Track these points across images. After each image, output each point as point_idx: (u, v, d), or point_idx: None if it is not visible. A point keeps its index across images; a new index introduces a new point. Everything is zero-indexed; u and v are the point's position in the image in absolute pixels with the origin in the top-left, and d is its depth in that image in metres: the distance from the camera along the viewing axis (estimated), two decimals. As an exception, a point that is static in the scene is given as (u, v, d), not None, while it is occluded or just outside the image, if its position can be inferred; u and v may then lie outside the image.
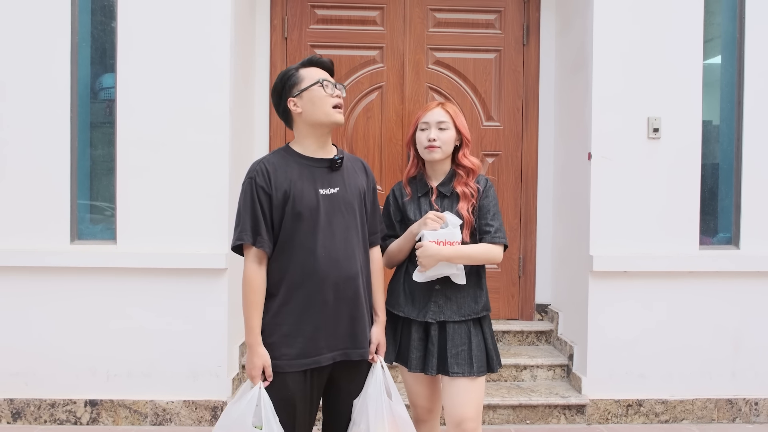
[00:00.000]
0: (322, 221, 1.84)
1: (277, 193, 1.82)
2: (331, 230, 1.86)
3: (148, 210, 3.24)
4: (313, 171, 1.87)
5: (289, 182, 1.83)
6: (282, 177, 1.84)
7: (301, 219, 1.82)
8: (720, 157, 3.60)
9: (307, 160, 1.89)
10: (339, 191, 1.89)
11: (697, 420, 3.41)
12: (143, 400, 3.24)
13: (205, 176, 3.24)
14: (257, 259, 1.84)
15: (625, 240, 3.36)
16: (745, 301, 3.43)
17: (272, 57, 3.96)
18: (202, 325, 3.25)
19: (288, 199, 1.82)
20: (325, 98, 1.86)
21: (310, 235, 1.83)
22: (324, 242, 1.84)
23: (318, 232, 1.84)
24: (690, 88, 3.38)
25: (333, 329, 1.87)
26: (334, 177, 1.90)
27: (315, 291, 1.84)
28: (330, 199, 1.87)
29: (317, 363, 1.86)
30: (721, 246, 3.52)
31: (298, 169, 1.86)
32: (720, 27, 3.56)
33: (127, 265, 3.22)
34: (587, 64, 3.43)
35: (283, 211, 1.83)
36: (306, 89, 1.86)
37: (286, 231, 1.83)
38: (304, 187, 1.84)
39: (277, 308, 1.85)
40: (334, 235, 1.86)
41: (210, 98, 3.25)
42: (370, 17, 4.00)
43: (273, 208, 1.83)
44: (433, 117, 2.10)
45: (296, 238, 1.83)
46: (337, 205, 1.88)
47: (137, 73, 3.24)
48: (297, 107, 1.87)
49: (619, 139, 3.36)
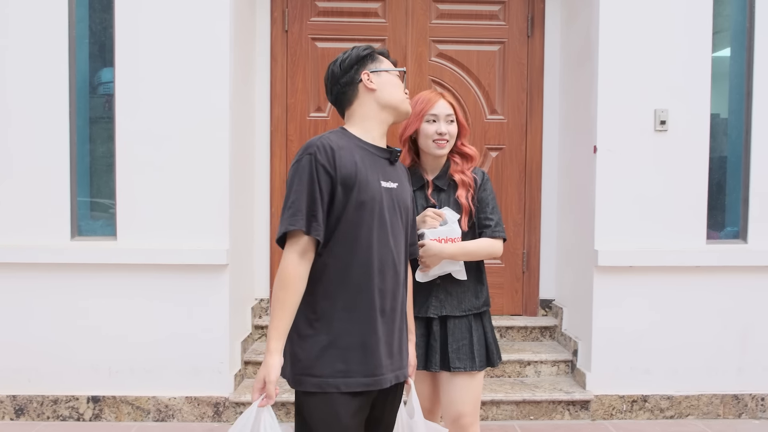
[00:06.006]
0: (384, 217, 1.61)
1: (341, 176, 1.55)
2: (390, 229, 1.63)
3: (148, 206, 3.22)
4: (375, 160, 1.64)
5: (354, 166, 1.57)
6: (347, 158, 1.57)
7: (364, 210, 1.57)
8: (728, 151, 3.54)
9: (368, 146, 1.65)
10: (398, 188, 1.69)
11: (703, 416, 3.38)
12: (145, 396, 3.24)
13: (205, 171, 3.22)
14: (302, 250, 1.53)
15: (630, 235, 3.32)
16: (753, 296, 3.38)
17: (273, 50, 3.91)
18: (203, 321, 3.23)
19: (353, 184, 1.56)
20: (402, 87, 1.73)
21: (372, 231, 1.58)
22: (384, 241, 1.60)
23: (378, 229, 1.59)
24: (698, 80, 3.32)
25: (390, 344, 1.62)
26: (393, 171, 1.70)
27: (376, 296, 1.58)
28: (390, 194, 1.65)
29: (379, 385, 1.58)
30: (729, 240, 3.48)
31: (361, 154, 1.61)
32: (729, 19, 3.49)
33: (128, 261, 3.20)
34: (593, 56, 3.37)
35: (346, 198, 1.55)
36: (386, 71, 1.70)
37: (348, 222, 1.56)
38: (368, 174, 1.59)
39: (332, 313, 1.56)
40: (390, 235, 1.63)
41: (210, 92, 3.21)
42: (372, 9, 3.94)
43: (333, 193, 1.55)
44: (441, 110, 2.04)
45: (360, 232, 1.57)
46: (395, 202, 1.66)
47: (136, 67, 3.20)
48: (371, 82, 1.67)
49: (625, 132, 3.31)
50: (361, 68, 1.69)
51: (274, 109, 3.92)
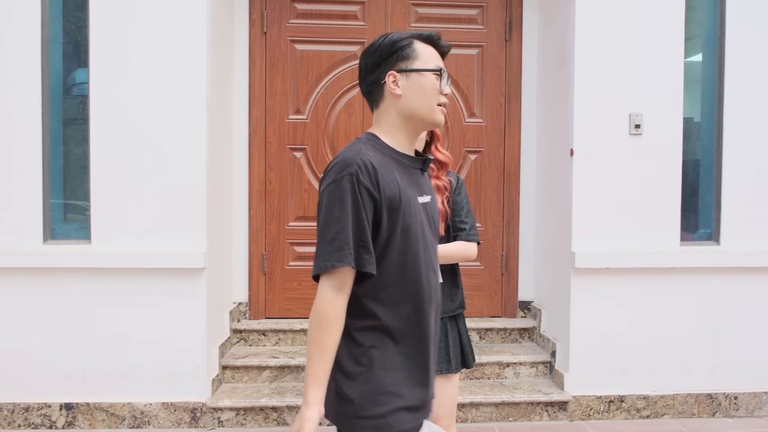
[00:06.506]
0: (426, 239, 1.45)
1: (385, 198, 1.36)
2: (432, 250, 1.48)
3: (123, 209, 3.17)
4: (410, 172, 1.46)
5: (396, 184, 1.38)
6: (388, 176, 1.38)
7: (409, 234, 1.40)
8: (701, 154, 3.61)
9: (401, 156, 1.46)
10: (431, 201, 1.51)
11: (678, 415, 3.43)
12: (120, 403, 3.18)
13: (182, 173, 3.18)
14: (339, 284, 1.34)
15: (606, 237, 3.36)
16: (725, 297, 3.45)
17: (251, 52, 3.89)
18: (180, 326, 3.19)
19: (398, 207, 1.37)
20: (437, 92, 1.44)
21: (419, 257, 1.42)
22: (429, 264, 1.46)
23: (424, 253, 1.44)
24: (671, 85, 3.38)
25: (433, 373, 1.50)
26: (425, 182, 1.52)
27: (427, 324, 1.45)
28: (426, 210, 1.47)
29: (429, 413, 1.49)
30: (702, 242, 3.54)
31: (398, 168, 1.43)
32: (701, 25, 3.57)
33: (102, 265, 3.14)
34: (569, 61, 3.41)
35: (392, 223, 1.37)
36: (419, 71, 1.43)
37: (395, 250, 1.38)
38: (409, 192, 1.42)
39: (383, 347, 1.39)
40: (433, 257, 1.48)
41: (186, 94, 3.18)
42: (351, 12, 3.94)
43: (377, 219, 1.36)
44: None
45: (408, 260, 1.40)
46: (430, 218, 1.49)
47: (111, 68, 3.16)
48: (397, 87, 1.43)
49: (600, 135, 3.36)
50: (388, 67, 1.44)
51: (252, 112, 3.89)
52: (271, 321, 3.86)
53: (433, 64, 1.45)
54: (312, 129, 3.93)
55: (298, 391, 3.35)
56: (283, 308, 3.91)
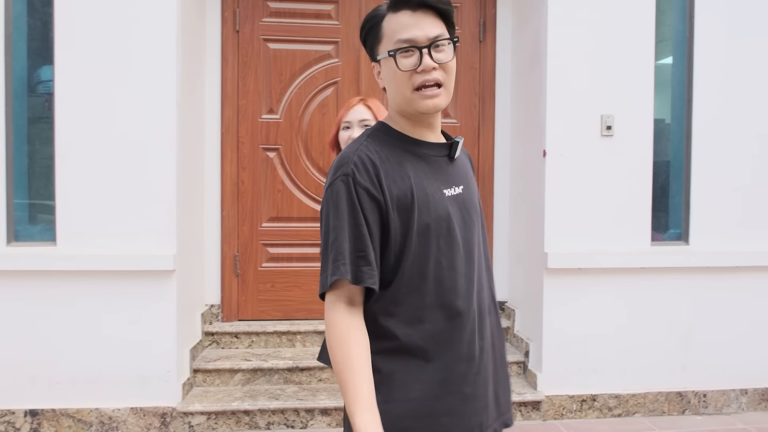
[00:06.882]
0: (455, 238, 1.23)
1: (393, 197, 1.18)
2: (464, 250, 1.26)
3: (90, 210, 3.09)
4: (432, 161, 1.26)
5: (407, 180, 1.19)
6: (396, 171, 1.19)
7: (429, 236, 1.20)
8: (671, 155, 3.66)
9: (420, 144, 1.26)
10: (464, 191, 1.30)
11: (649, 413, 3.47)
12: (87, 408, 3.11)
13: (150, 174, 3.11)
14: (345, 299, 1.17)
15: (579, 237, 3.39)
16: (695, 296, 3.50)
17: (224, 51, 3.83)
18: (150, 329, 3.13)
19: (411, 205, 1.18)
20: (406, 76, 1.19)
21: (440, 260, 1.21)
22: (458, 268, 1.24)
23: (451, 255, 1.22)
24: (642, 87, 3.42)
25: (484, 395, 1.26)
26: (454, 170, 1.30)
27: (464, 343, 1.22)
28: (457, 203, 1.26)
29: None
30: (672, 242, 3.59)
31: (411, 159, 1.23)
32: (671, 28, 3.61)
33: (68, 267, 3.07)
34: (542, 62, 3.43)
35: (405, 225, 1.18)
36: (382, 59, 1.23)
37: (412, 255, 1.19)
38: (427, 185, 1.22)
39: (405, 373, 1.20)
40: (471, 257, 1.27)
41: (156, 92, 3.12)
42: (325, 11, 3.91)
43: (385, 223, 1.18)
44: (355, 115, 2.02)
45: (428, 266, 1.20)
46: (465, 211, 1.28)
47: (77, 66, 3.08)
48: (380, 78, 1.27)
49: (573, 136, 3.38)
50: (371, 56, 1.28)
51: (225, 111, 3.83)
52: (243, 323, 3.81)
53: (392, 43, 1.20)
54: (285, 129, 3.89)
55: (270, 394, 3.31)
56: (256, 310, 3.87)
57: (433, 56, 1.18)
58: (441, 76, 1.20)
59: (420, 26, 1.18)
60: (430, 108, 1.21)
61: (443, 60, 1.20)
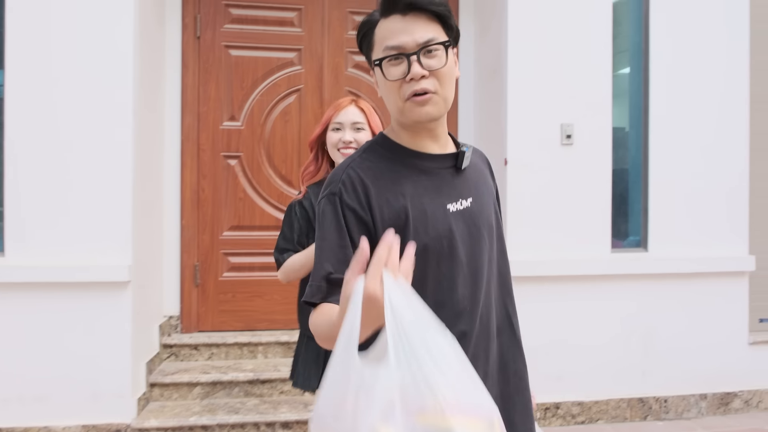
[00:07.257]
0: (458, 258, 1.16)
1: (383, 219, 1.12)
2: (474, 268, 1.19)
3: (41, 220, 2.99)
4: (434, 174, 1.19)
5: (401, 199, 1.14)
6: (390, 190, 1.14)
7: (427, 256, 1.13)
8: (630, 163, 3.72)
9: (421, 158, 1.19)
10: (473, 204, 1.22)
11: (612, 419, 3.49)
12: (36, 427, 2.97)
13: (105, 183, 3.02)
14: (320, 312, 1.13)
15: (539, 245, 3.40)
16: (654, 303, 3.54)
17: (184, 57, 3.76)
18: (103, 343, 3.02)
19: (405, 226, 1.12)
20: (393, 87, 1.14)
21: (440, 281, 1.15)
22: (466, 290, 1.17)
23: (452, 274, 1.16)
24: (601, 96, 3.47)
25: None
26: (461, 182, 1.22)
27: None
28: (463, 218, 1.19)
29: None
30: (631, 249, 3.64)
31: (411, 174, 1.17)
32: (628, 39, 3.69)
33: (16, 279, 2.95)
34: (502, 70, 3.46)
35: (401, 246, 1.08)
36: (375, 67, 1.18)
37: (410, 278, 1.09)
38: (426, 202, 1.15)
39: None
40: (477, 276, 1.19)
41: (111, 98, 3.03)
42: (288, 18, 3.88)
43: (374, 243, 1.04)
44: (347, 117, 1.96)
45: (427, 288, 1.12)
46: (474, 226, 1.20)
47: (30, 70, 2.98)
48: (378, 87, 1.21)
49: (533, 144, 3.41)
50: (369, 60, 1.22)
51: (185, 118, 3.76)
52: (203, 335, 3.72)
53: (381, 50, 1.15)
54: (247, 136, 3.83)
55: (230, 408, 3.23)
56: (216, 321, 3.78)
57: (423, 63, 1.12)
58: (431, 85, 1.13)
59: (409, 31, 1.12)
60: (422, 117, 1.14)
61: (434, 66, 1.13)
